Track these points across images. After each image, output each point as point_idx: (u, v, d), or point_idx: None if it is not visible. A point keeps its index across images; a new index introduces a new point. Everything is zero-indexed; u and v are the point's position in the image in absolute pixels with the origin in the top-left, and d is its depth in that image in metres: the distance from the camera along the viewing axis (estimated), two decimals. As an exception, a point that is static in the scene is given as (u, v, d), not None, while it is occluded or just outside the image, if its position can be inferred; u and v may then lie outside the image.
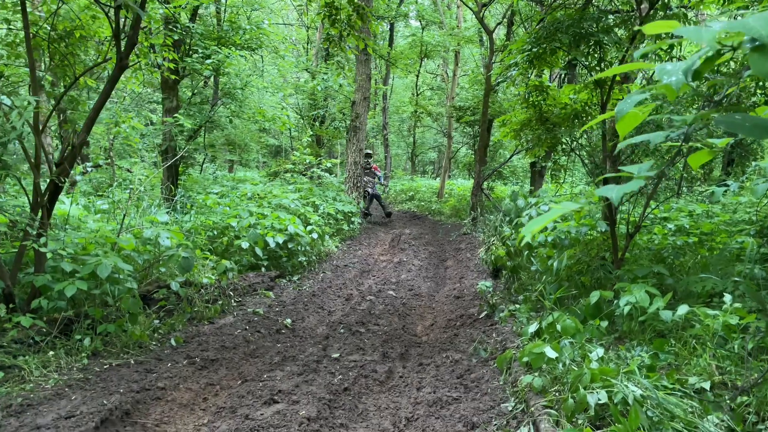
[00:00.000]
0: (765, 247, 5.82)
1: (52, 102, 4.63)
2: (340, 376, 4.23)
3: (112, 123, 5.64)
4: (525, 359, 3.99)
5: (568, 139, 6.25)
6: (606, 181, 5.90)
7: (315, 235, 9.15)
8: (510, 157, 13.88)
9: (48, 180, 4.62)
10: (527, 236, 0.97)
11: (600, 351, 3.70)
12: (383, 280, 8.45)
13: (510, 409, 3.56)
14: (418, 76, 24.25)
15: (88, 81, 5.32)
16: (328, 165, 13.02)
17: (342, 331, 5.65)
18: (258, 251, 7.35)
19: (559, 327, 4.24)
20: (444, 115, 19.62)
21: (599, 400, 3.10)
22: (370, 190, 14.68)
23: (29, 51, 4.15)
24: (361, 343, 5.26)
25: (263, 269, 7.64)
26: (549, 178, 9.49)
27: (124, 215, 5.59)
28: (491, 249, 9.19)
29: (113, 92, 8.47)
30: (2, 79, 4.62)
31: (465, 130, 16.69)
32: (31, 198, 4.60)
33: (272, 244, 7.50)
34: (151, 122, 12.95)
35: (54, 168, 4.59)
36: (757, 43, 0.83)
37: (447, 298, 7.50)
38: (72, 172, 6.65)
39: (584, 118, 6.23)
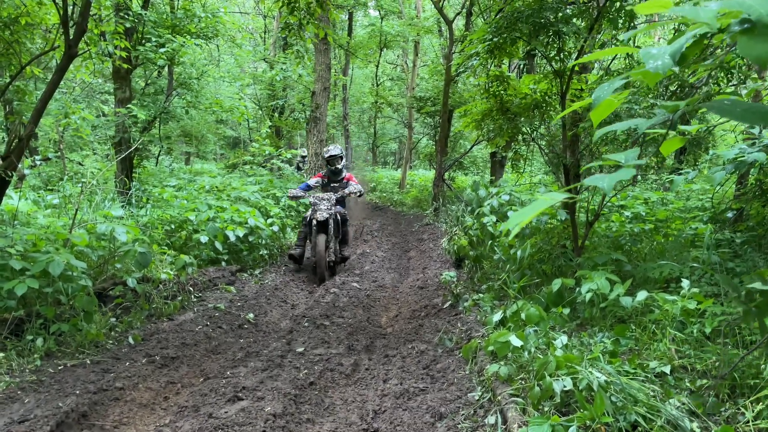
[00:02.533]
0: (719, 233, 6.00)
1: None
2: (306, 371, 4.17)
3: (61, 114, 5.40)
4: (490, 348, 4.01)
5: (528, 128, 6.30)
6: (573, 175, 5.97)
7: (276, 228, 9.02)
8: (471, 148, 13.97)
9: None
10: (514, 229, 0.94)
11: (564, 338, 3.74)
12: (346, 272, 8.40)
13: (477, 398, 3.57)
14: (377, 66, 24.14)
15: (35, 70, 5.07)
16: (288, 156, 12.82)
17: (306, 324, 5.58)
18: (218, 245, 7.19)
19: (523, 315, 4.28)
20: (405, 106, 19.62)
21: (564, 387, 3.13)
22: (320, 215, 8.15)
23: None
24: (326, 336, 5.20)
25: (224, 263, 7.49)
26: (509, 168, 9.58)
27: (77, 210, 5.37)
28: (454, 239, 9.23)
29: (62, 82, 8.13)
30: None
31: (426, 121, 16.72)
32: (-25, 193, 4.37)
33: (232, 238, 7.36)
34: (102, 113, 12.53)
35: (0, 162, 4.37)
36: (746, 25, 0.81)
37: (411, 289, 7.50)
38: (20, 165, 6.36)
39: (544, 108, 6.28)
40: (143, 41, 8.24)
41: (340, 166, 8.91)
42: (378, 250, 10.37)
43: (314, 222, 8.07)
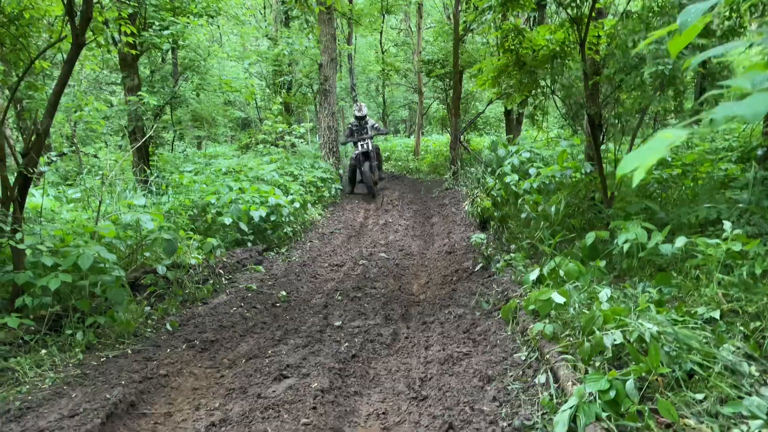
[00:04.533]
0: (750, 172, 5.82)
1: (8, 92, 4.34)
2: (347, 344, 4.15)
3: (73, 107, 5.34)
4: (531, 307, 3.94)
5: (547, 81, 6.12)
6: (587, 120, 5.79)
7: (297, 205, 8.97)
8: (487, 106, 13.72)
9: (15, 173, 4.36)
10: (639, 173, 0.83)
11: (607, 291, 3.65)
12: (372, 243, 8.35)
13: (523, 358, 3.51)
14: (381, 33, 23.72)
15: (43, 64, 4.99)
16: (302, 131, 12.67)
17: (339, 298, 5.55)
18: (242, 226, 7.16)
19: (561, 272, 4.19)
20: (413, 71, 19.29)
21: (615, 340, 3.05)
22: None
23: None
24: (361, 308, 5.17)
25: (249, 244, 7.47)
26: (527, 124, 9.40)
27: (100, 202, 5.35)
28: (476, 201, 9.12)
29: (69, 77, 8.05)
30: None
31: (436, 84, 16.42)
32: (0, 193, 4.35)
33: (256, 218, 7.32)
34: (111, 104, 12.47)
35: (20, 159, 4.33)
36: None
37: (439, 255, 7.44)
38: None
39: (562, 58, 6.09)
40: (146, 26, 8.12)
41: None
42: (400, 219, 10.30)
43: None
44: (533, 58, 6.37)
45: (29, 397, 3.34)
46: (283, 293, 5.86)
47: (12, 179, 4.39)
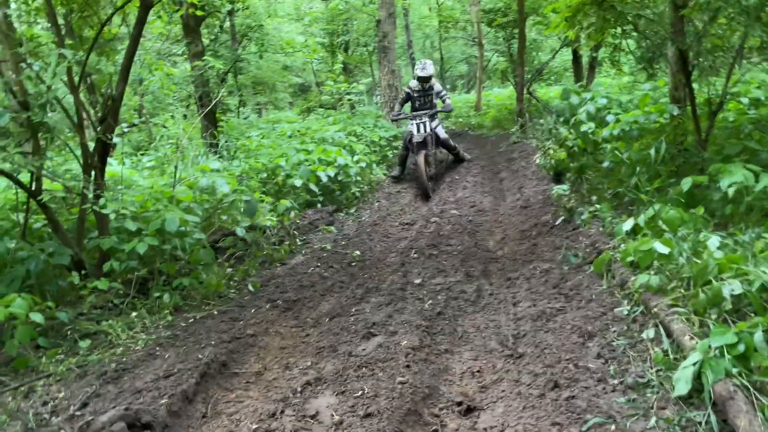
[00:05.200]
0: None
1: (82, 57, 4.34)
2: (430, 301, 4.03)
3: (143, 72, 5.35)
4: (629, 259, 3.69)
5: (631, 16, 5.66)
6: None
7: (363, 165, 8.85)
8: (557, 51, 13.06)
9: (95, 139, 4.39)
10: None
11: (716, 239, 3.35)
12: (441, 201, 8.16)
13: (626, 313, 3.29)
14: (437, -15, 23.01)
15: (112, 30, 4.99)
16: (361, 88, 12.43)
17: (415, 255, 5.43)
18: (312, 187, 7.12)
19: (660, 222, 3.90)
20: (473, 21, 18.60)
21: (733, 291, 2.79)
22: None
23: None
24: (439, 265, 5.04)
25: (319, 205, 7.43)
26: (606, 67, 8.86)
27: (176, 167, 5.38)
28: (549, 153, 8.74)
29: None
30: (28, 42, 4.32)
31: (496, 35, 15.78)
32: (81, 160, 4.40)
33: (324, 179, 7.26)
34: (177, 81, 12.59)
35: (98, 126, 4.35)
36: None
37: (513, 210, 7.18)
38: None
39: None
40: (207, -11, 8.08)
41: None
42: (467, 175, 10.02)
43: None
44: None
45: (124, 359, 3.39)
46: (357, 252, 5.79)
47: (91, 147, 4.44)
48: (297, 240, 6.04)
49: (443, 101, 9.47)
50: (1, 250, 4.19)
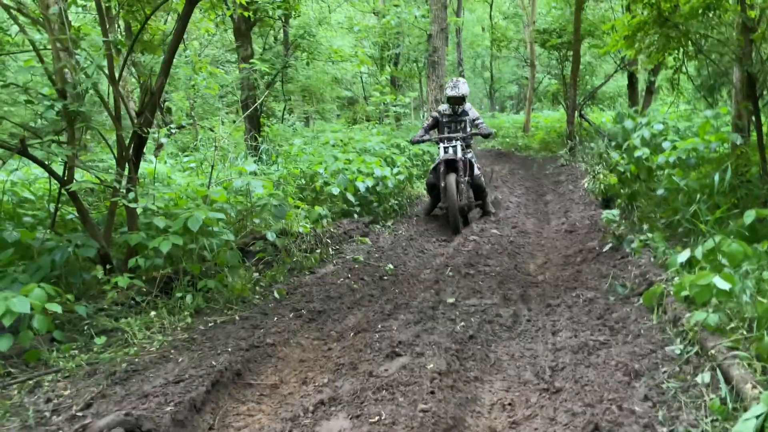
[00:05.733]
0: None
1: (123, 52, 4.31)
2: (462, 323, 3.77)
3: (187, 71, 5.30)
4: (684, 293, 3.36)
5: (696, 37, 5.32)
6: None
7: (402, 177, 8.65)
8: (612, 74, 12.65)
9: (130, 132, 4.32)
10: None
11: (786, 278, 3.01)
12: (482, 219, 7.88)
13: (678, 352, 2.97)
14: (491, 4, 22.82)
15: (160, 27, 4.97)
16: (407, 101, 12.27)
17: (450, 273, 5.17)
18: (349, 197, 6.95)
19: (720, 254, 3.55)
20: (526, 41, 18.30)
21: (807, 337, 2.46)
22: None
23: (94, -13, 3.81)
24: (476, 285, 4.77)
25: (355, 216, 7.25)
26: (664, 91, 8.46)
27: (212, 167, 5.29)
28: (598, 178, 8.37)
29: (184, 54, 8.16)
30: (75, 32, 4.29)
31: (550, 55, 15.45)
32: (115, 152, 4.33)
33: (362, 189, 7.08)
34: (225, 73, 12.69)
35: (135, 118, 4.28)
36: None
37: (557, 233, 6.87)
38: (157, 134, 6.43)
39: (717, 10, 5.26)
40: (259, -6, 8.07)
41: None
42: (511, 195, 9.73)
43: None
44: (678, 14, 5.58)
45: (136, 360, 3.25)
46: (391, 266, 5.58)
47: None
48: (329, 249, 5.87)
49: (478, 126, 7.66)
50: (30, 239, 4.16)
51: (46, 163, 3.93)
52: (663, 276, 3.95)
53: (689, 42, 5.64)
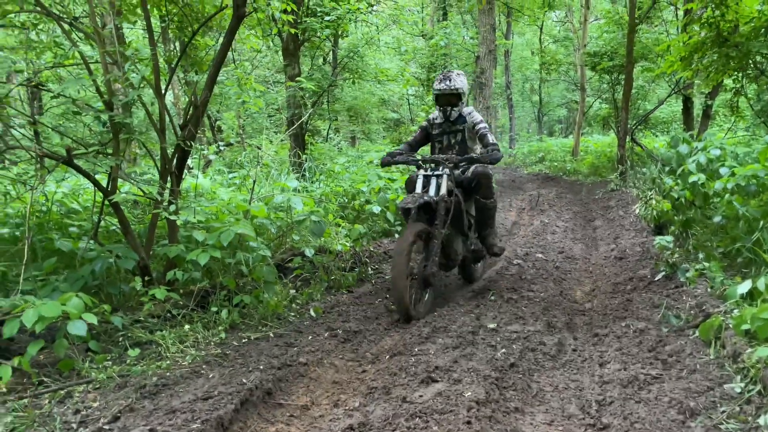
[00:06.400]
0: None
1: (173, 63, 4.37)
2: (503, 350, 3.59)
3: (232, 83, 5.35)
4: (745, 327, 3.11)
5: (762, 56, 5.07)
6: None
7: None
8: (667, 97, 12.27)
9: (174, 145, 4.36)
10: None
11: None
12: (527, 243, 7.67)
13: (738, 391, 2.73)
14: (541, 28, 22.64)
15: (208, 42, 5.05)
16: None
17: (493, 298, 5.00)
18: (389, 216, 6.86)
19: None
20: (576, 64, 18.02)
21: None
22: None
23: (143, 1, 3.87)
24: (518, 311, 4.58)
25: (396, 235, 7.15)
26: (724, 114, 8.10)
27: (254, 182, 5.29)
28: (650, 204, 8.04)
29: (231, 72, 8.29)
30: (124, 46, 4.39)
31: (601, 78, 15.11)
32: (159, 165, 4.37)
33: (405, 208, 6.98)
34: (270, 90, 12.87)
35: (179, 131, 4.32)
36: None
37: (606, 260, 6.59)
38: (206, 151, 6.51)
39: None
40: (308, 14, 8.17)
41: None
42: (558, 220, 9.46)
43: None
44: (739, 34, 5.34)
45: (167, 374, 3.20)
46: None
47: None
48: (368, 268, 5.77)
49: (483, 142, 5.05)
50: (74, 249, 4.21)
51: (91, 174, 3.98)
52: (721, 308, 3.68)
53: (750, 63, 5.39)
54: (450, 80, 5.09)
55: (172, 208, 4.10)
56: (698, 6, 5.54)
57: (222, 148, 11.99)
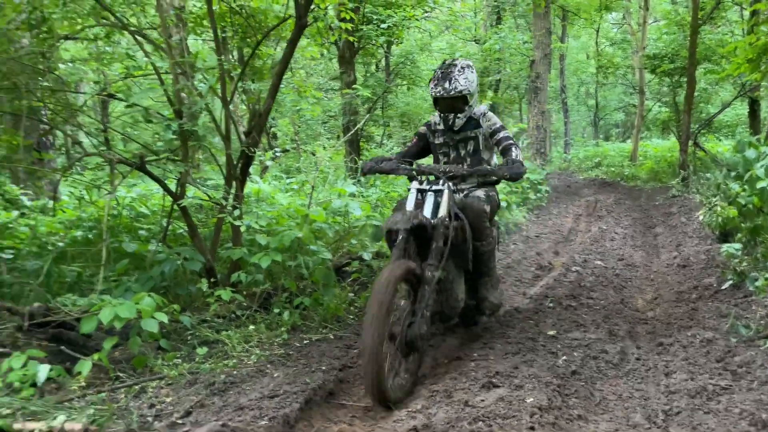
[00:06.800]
0: None
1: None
2: (564, 357, 3.56)
3: (291, 91, 5.50)
4: (822, 339, 2.99)
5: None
6: None
7: (503, 204, 8.46)
8: (731, 101, 11.85)
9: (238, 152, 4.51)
10: None
11: None
12: (585, 250, 7.53)
13: (816, 406, 2.63)
14: (597, 30, 22.18)
15: (269, 51, 5.21)
16: (515, 130, 12.11)
17: (551, 305, 4.95)
18: (446, 222, 6.88)
19: None
20: (635, 67, 17.57)
21: None
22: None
23: (211, 13, 4.04)
24: (578, 318, 4.52)
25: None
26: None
27: (313, 187, 5.41)
28: (715, 210, 7.77)
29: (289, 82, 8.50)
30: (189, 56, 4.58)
31: (661, 81, 14.71)
32: (223, 171, 4.53)
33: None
34: (326, 98, 13.08)
35: (243, 138, 4.47)
36: None
37: (668, 268, 6.41)
38: (263, 157, 6.71)
39: None
40: (364, 22, 8.30)
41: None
42: (617, 226, 9.25)
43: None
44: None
45: (234, 372, 3.32)
46: (487, 294, 5.42)
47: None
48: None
49: (505, 156, 3.89)
50: (142, 251, 4.42)
51: (161, 179, 4.17)
52: (796, 319, 3.55)
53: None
54: (450, 80, 3.79)
55: (237, 212, 4.25)
56: (767, 6, 5.35)
57: (278, 154, 12.26)
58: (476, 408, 2.74)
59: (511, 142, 3.94)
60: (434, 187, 3.57)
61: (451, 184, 3.63)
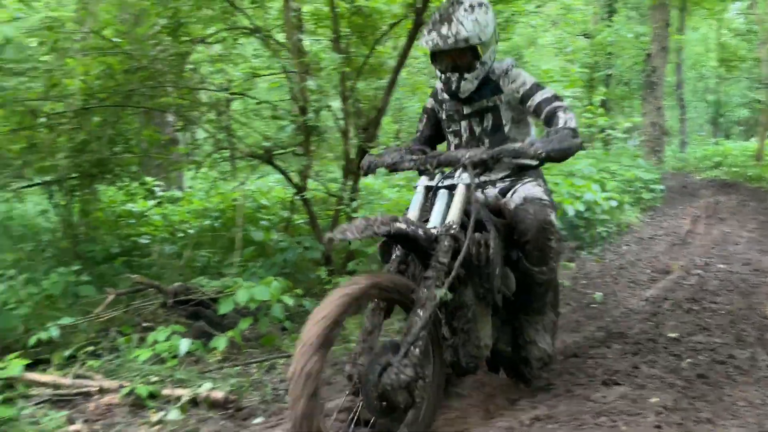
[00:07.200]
0: None
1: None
2: (689, 360, 3.44)
3: (405, 89, 5.63)
4: None
5: None
6: None
7: (614, 203, 8.19)
8: None
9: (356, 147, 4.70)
10: None
11: None
12: (706, 254, 7.13)
13: None
14: (720, 21, 20.74)
15: (385, 50, 5.36)
16: (627, 125, 11.63)
17: (670, 308, 4.76)
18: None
19: None
20: (762, 60, 16.28)
21: None
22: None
23: (333, 15, 4.25)
24: (701, 322, 4.32)
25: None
26: None
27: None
28: None
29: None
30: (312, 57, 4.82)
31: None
32: (342, 165, 4.74)
33: (571, 212, 6.84)
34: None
35: (360, 134, 4.65)
36: None
37: (801, 274, 5.94)
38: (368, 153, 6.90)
39: None
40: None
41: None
42: (741, 230, 8.68)
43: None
44: None
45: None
46: (599, 294, 5.30)
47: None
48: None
49: (548, 122, 2.63)
50: (267, 239, 4.72)
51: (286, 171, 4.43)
52: None
53: None
54: (451, 23, 2.51)
55: (354, 204, 4.43)
56: None
57: (382, 151, 12.55)
58: (598, 403, 2.72)
59: (556, 104, 2.62)
60: (446, 182, 2.51)
61: (469, 175, 2.39)
